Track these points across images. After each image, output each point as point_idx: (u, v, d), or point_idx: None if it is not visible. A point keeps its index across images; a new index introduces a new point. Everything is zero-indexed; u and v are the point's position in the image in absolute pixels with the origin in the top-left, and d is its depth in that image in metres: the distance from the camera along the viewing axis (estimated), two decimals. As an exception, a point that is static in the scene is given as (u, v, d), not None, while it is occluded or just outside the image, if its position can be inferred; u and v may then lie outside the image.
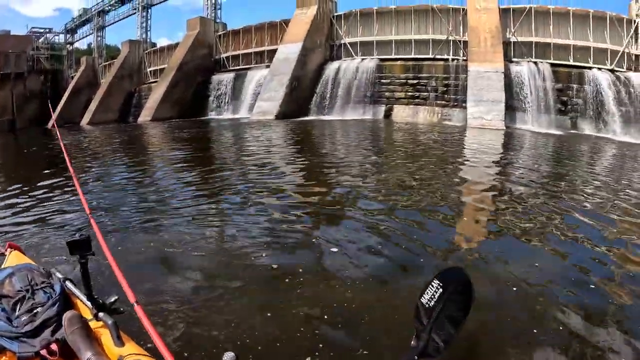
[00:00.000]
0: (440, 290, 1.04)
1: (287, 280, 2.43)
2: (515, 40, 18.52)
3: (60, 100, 32.55)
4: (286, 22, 21.90)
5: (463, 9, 18.79)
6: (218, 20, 26.98)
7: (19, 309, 1.56)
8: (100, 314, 1.54)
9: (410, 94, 18.36)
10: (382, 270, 2.58)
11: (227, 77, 23.81)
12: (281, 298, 2.28)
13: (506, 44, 18.12)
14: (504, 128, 14.61)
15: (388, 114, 18.51)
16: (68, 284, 1.73)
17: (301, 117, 18.56)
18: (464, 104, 16.25)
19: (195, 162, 6.99)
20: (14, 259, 2.10)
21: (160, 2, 32.10)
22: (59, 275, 1.77)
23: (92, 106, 28.61)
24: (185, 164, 6.74)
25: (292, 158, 7.65)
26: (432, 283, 1.07)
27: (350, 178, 5.26)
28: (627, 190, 5.25)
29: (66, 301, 1.66)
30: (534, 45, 18.46)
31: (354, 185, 4.83)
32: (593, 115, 16.12)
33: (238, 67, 24.87)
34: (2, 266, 1.97)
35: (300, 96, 19.34)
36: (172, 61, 24.88)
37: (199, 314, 2.13)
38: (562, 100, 16.62)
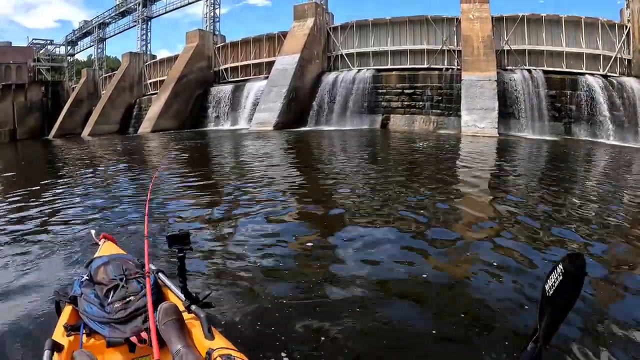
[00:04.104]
0: (561, 278, 0.95)
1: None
2: (509, 48, 18.83)
3: (61, 112, 32.93)
4: (284, 34, 22.27)
5: (457, 19, 19.11)
6: (217, 33, 27.38)
7: (112, 296, 1.62)
8: (193, 307, 1.57)
9: (406, 103, 18.66)
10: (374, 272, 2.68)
11: (226, 89, 24.11)
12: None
13: (500, 53, 18.44)
14: (497, 135, 14.84)
15: (385, 124, 18.79)
16: (161, 275, 1.80)
17: (299, 128, 18.82)
18: (458, 113, 16.51)
19: (197, 175, 7.20)
20: (107, 249, 2.25)
21: (160, 15, 32.51)
22: (153, 267, 1.84)
23: (93, 117, 28.90)
24: (186, 176, 6.96)
25: (292, 170, 7.86)
26: (557, 268, 0.96)
27: (348, 191, 5.45)
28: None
29: (158, 292, 1.72)
30: (527, 53, 18.78)
31: (352, 198, 5.01)
32: (587, 121, 16.35)
33: (237, 79, 25.23)
34: (96, 255, 2.09)
35: (298, 107, 19.63)
36: (172, 73, 25.21)
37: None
38: (555, 107, 16.86)
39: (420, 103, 18.46)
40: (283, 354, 1.85)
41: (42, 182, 7.29)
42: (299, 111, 19.66)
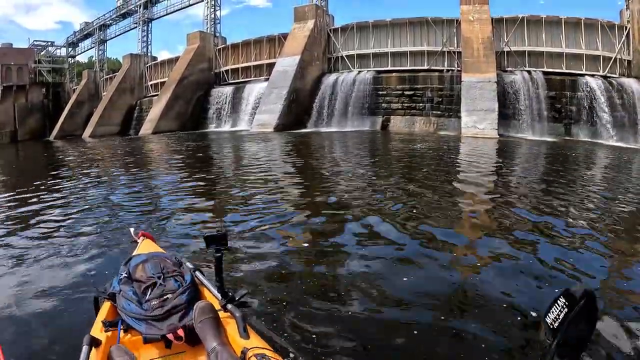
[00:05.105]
0: (566, 310, 0.95)
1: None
2: (509, 49, 18.88)
3: (62, 113, 33.01)
4: (284, 36, 22.33)
5: (457, 20, 19.17)
6: (217, 34, 27.43)
7: (150, 294, 1.63)
8: (229, 306, 1.59)
9: (406, 105, 18.71)
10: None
11: (226, 90, 24.19)
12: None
13: (499, 54, 18.48)
14: (497, 136, 14.89)
15: (385, 125, 18.84)
16: (198, 274, 1.83)
17: (300, 129, 18.89)
18: (458, 114, 16.56)
19: (199, 177, 7.28)
20: (146, 246, 2.28)
21: (161, 17, 32.59)
22: (190, 266, 1.87)
23: (94, 119, 28.96)
24: (189, 177, 7.03)
25: (293, 172, 7.91)
26: (558, 301, 0.97)
27: (353, 191, 5.50)
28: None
29: (195, 290, 1.73)
30: (527, 54, 18.83)
31: (360, 200, 5.03)
32: (587, 122, 16.40)
33: (237, 81, 25.29)
34: (134, 253, 2.13)
35: (298, 108, 19.70)
36: (173, 75, 25.28)
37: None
38: (555, 108, 16.90)
39: (421, 104, 18.51)
40: (314, 355, 1.88)
41: (69, 182, 7.53)
42: (299, 113, 19.72)
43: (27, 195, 6.23)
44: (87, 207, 5.18)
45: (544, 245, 3.47)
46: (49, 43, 39.70)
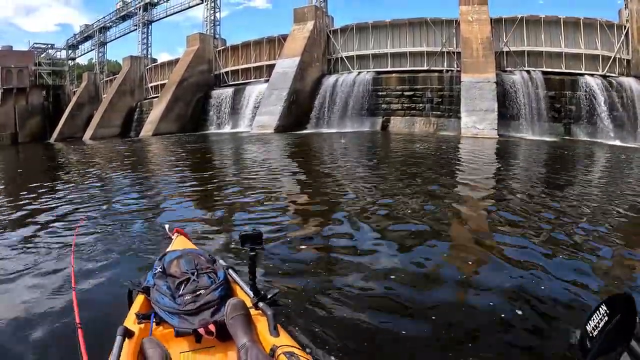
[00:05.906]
0: (606, 318, 0.93)
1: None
2: (508, 49, 18.91)
3: (62, 115, 33.07)
4: (284, 37, 22.39)
5: (456, 21, 19.21)
6: (217, 36, 27.46)
7: (183, 289, 1.69)
8: (260, 304, 1.62)
9: (406, 105, 18.74)
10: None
11: (226, 92, 24.22)
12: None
13: (499, 54, 18.52)
14: (497, 137, 14.89)
15: (385, 126, 18.86)
16: (231, 272, 1.87)
17: (300, 130, 18.91)
18: (458, 114, 16.58)
19: (201, 178, 7.34)
20: (180, 243, 2.33)
21: (161, 19, 32.65)
22: (223, 263, 1.92)
23: (94, 121, 29.03)
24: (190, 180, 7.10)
25: (295, 173, 7.96)
26: (600, 308, 0.95)
27: (361, 194, 5.55)
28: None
29: (228, 288, 1.78)
30: (526, 54, 18.87)
31: (356, 203, 5.15)
32: (586, 121, 16.43)
33: (237, 82, 25.33)
34: (169, 249, 2.17)
35: (298, 110, 19.72)
36: (173, 77, 25.32)
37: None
38: (555, 107, 16.94)
39: (420, 105, 18.53)
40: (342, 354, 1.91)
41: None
42: (299, 114, 19.74)
43: (36, 196, 6.25)
44: (105, 207, 5.29)
45: (545, 246, 3.49)
46: (49, 45, 39.84)
